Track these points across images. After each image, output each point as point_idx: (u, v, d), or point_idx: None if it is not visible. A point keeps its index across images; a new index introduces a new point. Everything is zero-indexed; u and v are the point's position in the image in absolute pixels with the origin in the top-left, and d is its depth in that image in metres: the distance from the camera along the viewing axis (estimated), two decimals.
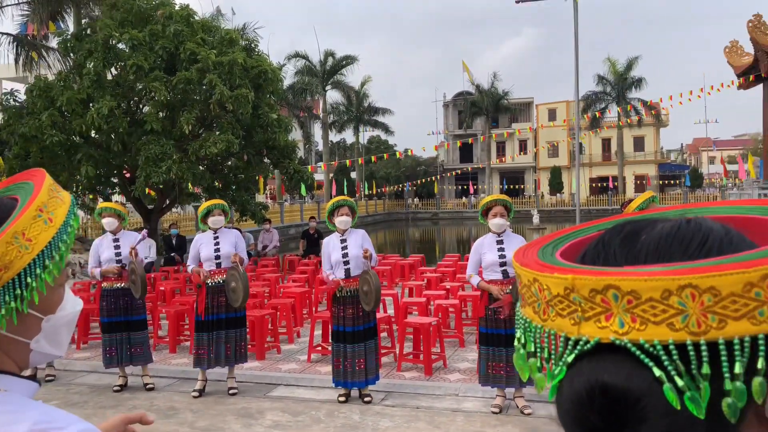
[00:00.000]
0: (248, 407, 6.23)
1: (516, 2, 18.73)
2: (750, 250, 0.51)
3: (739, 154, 49.67)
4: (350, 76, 57.73)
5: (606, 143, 58.49)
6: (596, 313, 0.51)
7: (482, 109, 52.33)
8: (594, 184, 57.89)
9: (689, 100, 29.64)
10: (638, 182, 56.34)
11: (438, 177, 52.82)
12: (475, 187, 57.79)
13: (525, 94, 63.01)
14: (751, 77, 31.45)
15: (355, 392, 6.41)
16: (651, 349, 0.49)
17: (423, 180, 50.57)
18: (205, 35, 14.73)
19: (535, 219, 36.70)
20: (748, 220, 0.62)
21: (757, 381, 0.48)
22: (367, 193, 50.19)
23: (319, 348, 7.96)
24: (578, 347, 0.53)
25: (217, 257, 6.60)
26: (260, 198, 26.03)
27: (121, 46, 14.22)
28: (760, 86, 32.21)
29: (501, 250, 5.85)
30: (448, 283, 10.39)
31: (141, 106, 15.17)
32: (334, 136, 56.91)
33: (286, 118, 17.05)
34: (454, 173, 56.34)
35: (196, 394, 6.59)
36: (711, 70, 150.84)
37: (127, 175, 15.28)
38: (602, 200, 51.27)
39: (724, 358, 0.48)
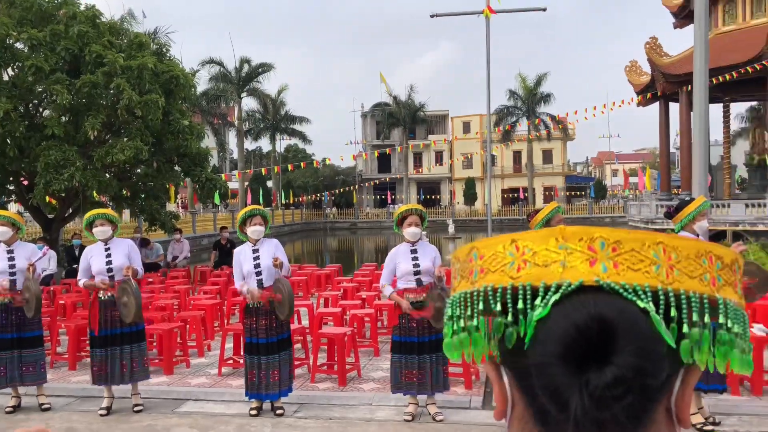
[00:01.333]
0: (154, 424, 5.96)
1: (431, 16, 19.13)
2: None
3: (640, 167, 52.66)
4: (267, 84, 57.18)
5: (517, 156, 60.57)
6: (581, 261, 0.58)
7: (399, 120, 53.02)
8: (506, 195, 59.78)
9: (593, 115, 31.26)
10: (547, 193, 58.60)
11: (356, 187, 52.97)
12: (393, 197, 58.35)
13: (441, 107, 64.61)
14: (649, 95, 33.50)
15: (267, 405, 6.28)
16: (631, 289, 0.56)
17: (341, 189, 50.58)
18: (112, 38, 14.13)
19: (451, 228, 37.46)
20: None
21: (695, 330, 0.57)
22: (284, 202, 49.67)
23: (231, 361, 7.75)
24: (561, 289, 0.57)
25: (109, 270, 6.24)
26: (171, 207, 25.16)
27: (19, 45, 13.42)
28: (657, 104, 34.38)
29: (415, 259, 5.89)
30: (365, 293, 10.38)
31: (41, 109, 14.35)
32: (249, 144, 56.09)
33: (198, 125, 16.62)
34: (372, 183, 56.71)
35: (103, 411, 6.24)
36: (613, 87, 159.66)
37: (25, 182, 14.38)
38: (513, 210, 52.97)
39: (684, 306, 0.57)
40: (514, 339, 0.60)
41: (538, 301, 0.58)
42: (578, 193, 61.46)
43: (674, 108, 32.76)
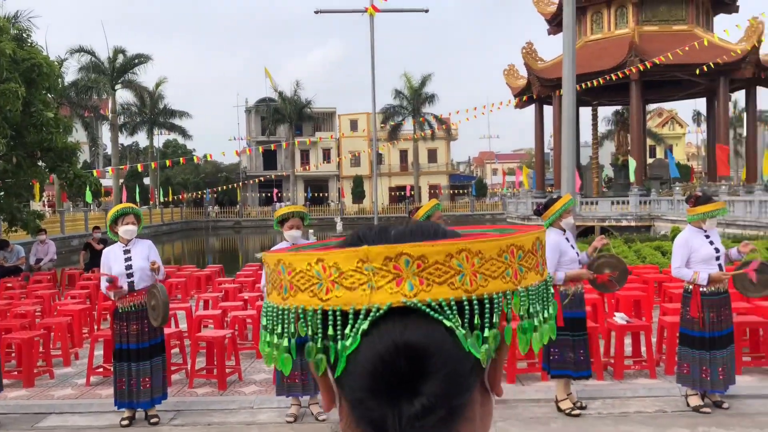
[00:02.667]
0: None
1: (315, 12, 19.01)
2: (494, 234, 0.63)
3: (517, 167, 55.33)
4: (144, 76, 54.50)
5: (404, 154, 61.69)
6: (388, 281, 0.57)
7: (285, 116, 52.38)
8: (393, 193, 60.73)
9: (474, 116, 32.43)
10: (432, 191, 60.16)
11: (241, 184, 51.69)
12: (279, 194, 57.54)
13: (329, 104, 64.33)
14: (525, 98, 35.28)
15: (140, 414, 5.94)
16: (437, 307, 0.56)
17: (225, 187, 49.17)
18: None
19: (339, 226, 37.58)
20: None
21: (492, 332, 0.58)
22: (162, 200, 47.54)
23: (101, 369, 7.28)
24: (371, 315, 0.57)
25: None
26: (37, 206, 23.31)
27: None
28: (533, 106, 36.29)
29: None
30: (247, 294, 10.11)
31: None
32: (125, 139, 53.27)
33: (65, 117, 15.49)
34: (257, 180, 55.57)
35: None
36: (494, 90, 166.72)
37: None
38: (400, 208, 53.92)
39: (486, 311, 0.58)
40: (324, 367, 0.60)
41: (348, 329, 0.57)
42: (461, 191, 63.59)
43: (548, 110, 34.74)
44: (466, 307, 0.58)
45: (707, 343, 5.48)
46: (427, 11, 20.40)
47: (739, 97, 38.19)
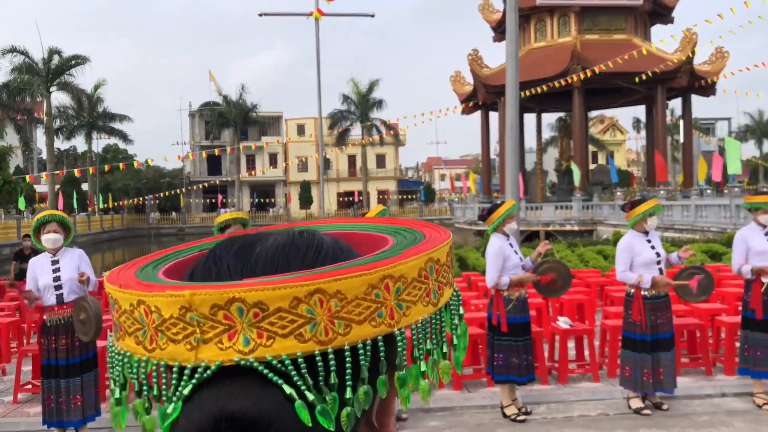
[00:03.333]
0: None
1: (259, 15, 18.76)
2: (366, 255, 0.53)
3: (464, 172, 56.02)
4: (82, 78, 52.74)
5: (352, 159, 61.60)
6: (217, 333, 0.46)
7: (230, 120, 51.58)
8: (341, 198, 60.55)
9: (422, 122, 32.64)
10: (381, 197, 60.26)
11: (184, 190, 50.54)
12: (224, 200, 56.55)
13: (276, 108, 63.78)
14: (471, 104, 35.74)
15: None
16: (280, 365, 0.46)
17: (167, 193, 47.98)
18: None
19: None
20: (351, 236, 0.63)
21: (362, 389, 0.49)
22: (102, 206, 46.02)
23: (29, 386, 6.89)
24: (197, 375, 0.47)
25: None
26: None
27: None
28: (480, 112, 36.78)
29: None
30: None
31: None
32: (61, 144, 51.29)
33: None
34: (201, 186, 54.49)
35: None
36: (441, 95, 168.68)
37: None
38: (349, 214, 53.76)
39: (348, 365, 0.48)
40: (152, 428, 0.52)
41: (171, 392, 0.48)
42: (410, 196, 63.92)
43: (494, 116, 35.27)
44: (320, 364, 0.47)
45: (649, 346, 5.56)
46: (373, 16, 20.41)
47: (676, 104, 39.66)
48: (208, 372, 0.46)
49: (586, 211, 29.86)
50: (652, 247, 5.64)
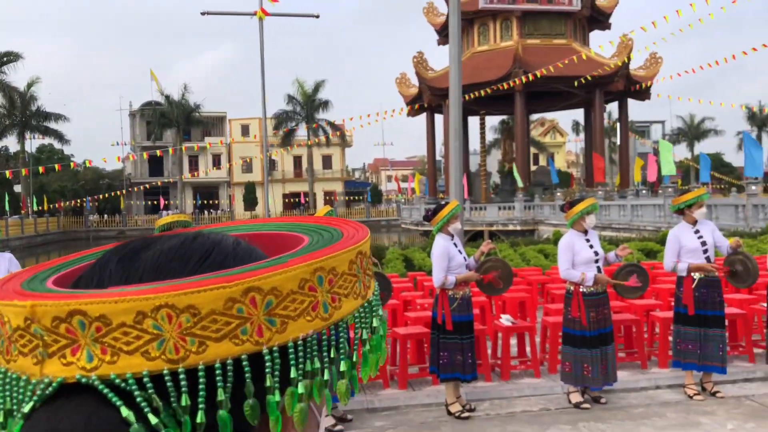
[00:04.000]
0: None
1: (202, 14, 18.42)
2: (242, 265, 0.49)
3: (410, 174, 56.41)
4: (14, 75, 50.59)
5: (298, 160, 61.16)
6: (61, 347, 0.43)
7: (173, 120, 50.43)
8: (287, 200, 60.03)
9: (369, 123, 32.66)
10: (327, 198, 60.06)
11: (125, 191, 49.12)
12: (166, 202, 55.23)
13: (221, 108, 62.76)
14: (417, 106, 36.02)
15: None
16: (123, 384, 0.42)
17: (107, 195, 46.54)
18: None
19: None
20: (268, 236, 0.63)
21: (248, 403, 0.45)
22: (36, 209, 44.25)
23: None
24: (39, 392, 0.43)
25: None
26: None
27: None
28: (425, 114, 37.12)
29: None
30: None
31: None
32: None
33: None
34: (143, 187, 53.10)
35: None
36: (388, 97, 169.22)
37: None
38: (294, 215, 53.30)
39: (202, 386, 0.43)
40: None
41: (17, 408, 0.45)
42: (357, 197, 63.92)
43: (440, 119, 35.66)
44: (169, 384, 0.43)
45: (588, 342, 5.72)
46: (317, 17, 20.32)
47: (613, 108, 40.97)
48: (50, 389, 0.43)
49: (527, 212, 30.53)
50: (591, 246, 5.82)
